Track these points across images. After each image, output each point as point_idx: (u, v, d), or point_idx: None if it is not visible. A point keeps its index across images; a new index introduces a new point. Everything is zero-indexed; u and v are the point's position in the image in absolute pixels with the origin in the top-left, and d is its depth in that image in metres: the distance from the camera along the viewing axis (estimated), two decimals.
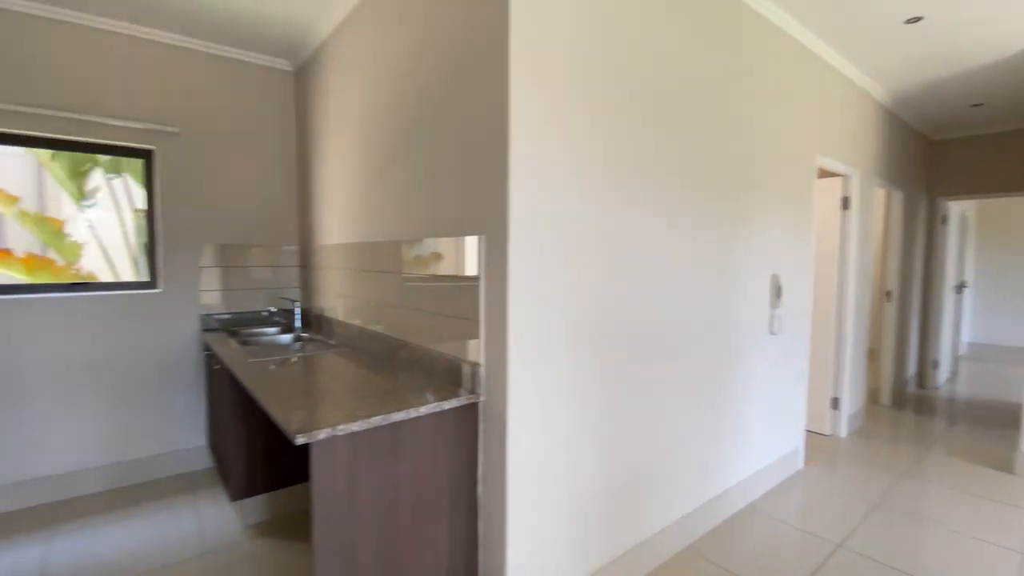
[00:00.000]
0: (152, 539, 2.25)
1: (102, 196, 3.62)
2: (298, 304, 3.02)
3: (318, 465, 1.35)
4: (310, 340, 2.74)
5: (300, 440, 1.29)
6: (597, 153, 1.75)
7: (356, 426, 1.39)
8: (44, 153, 2.74)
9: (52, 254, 3.74)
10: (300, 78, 3.17)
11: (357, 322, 2.49)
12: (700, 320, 2.25)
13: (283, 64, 3.17)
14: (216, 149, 2.98)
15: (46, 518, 2.44)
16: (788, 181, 2.76)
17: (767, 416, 2.74)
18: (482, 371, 1.65)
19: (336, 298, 2.77)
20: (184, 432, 2.95)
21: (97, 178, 3.58)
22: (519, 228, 1.54)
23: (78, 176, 3.51)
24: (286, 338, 2.85)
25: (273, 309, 3.21)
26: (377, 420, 1.43)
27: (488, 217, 1.59)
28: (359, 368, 2.03)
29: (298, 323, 3.00)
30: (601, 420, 1.85)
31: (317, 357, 2.25)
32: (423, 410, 1.53)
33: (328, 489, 1.37)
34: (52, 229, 3.64)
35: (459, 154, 1.71)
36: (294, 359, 2.22)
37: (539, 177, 1.58)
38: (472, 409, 1.67)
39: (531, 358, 1.60)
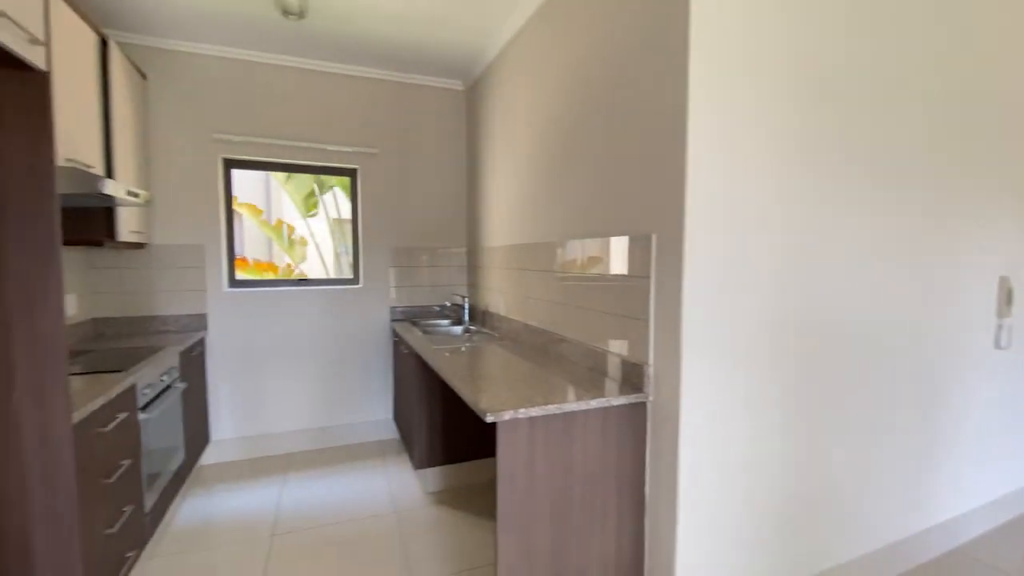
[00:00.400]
0: (355, 493, 2.69)
1: (319, 208, 4.43)
2: (467, 300, 3.34)
3: (503, 442, 1.50)
4: (477, 332, 3.01)
5: (489, 418, 1.45)
6: (784, 142, 1.64)
7: (535, 411, 1.51)
8: (278, 174, 3.45)
9: (281, 255, 4.64)
10: (470, 95, 3.50)
11: (519, 317, 2.67)
12: (904, 329, 1.95)
13: (456, 84, 3.52)
14: (402, 164, 3.44)
15: (279, 466, 3.07)
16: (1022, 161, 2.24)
17: (989, 445, 2.26)
18: (650, 371, 1.65)
19: (499, 295, 2.99)
20: (375, 405, 3.47)
21: (316, 193, 4.39)
22: (695, 226, 1.51)
23: (302, 192, 4.35)
24: (457, 329, 3.18)
25: (447, 304, 3.60)
26: (552, 408, 1.54)
27: (661, 216, 1.59)
28: (523, 360, 2.18)
29: (466, 317, 3.31)
30: (780, 433, 1.73)
31: (485, 348, 2.47)
32: (593, 403, 1.60)
33: (511, 464, 1.51)
34: (286, 235, 4.55)
35: (628, 156, 1.74)
36: (463, 348, 2.47)
37: (717, 173, 1.53)
38: (640, 408, 1.69)
39: (705, 362, 1.56)
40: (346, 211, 3.56)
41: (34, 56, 1.31)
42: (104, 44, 2.29)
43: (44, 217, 1.35)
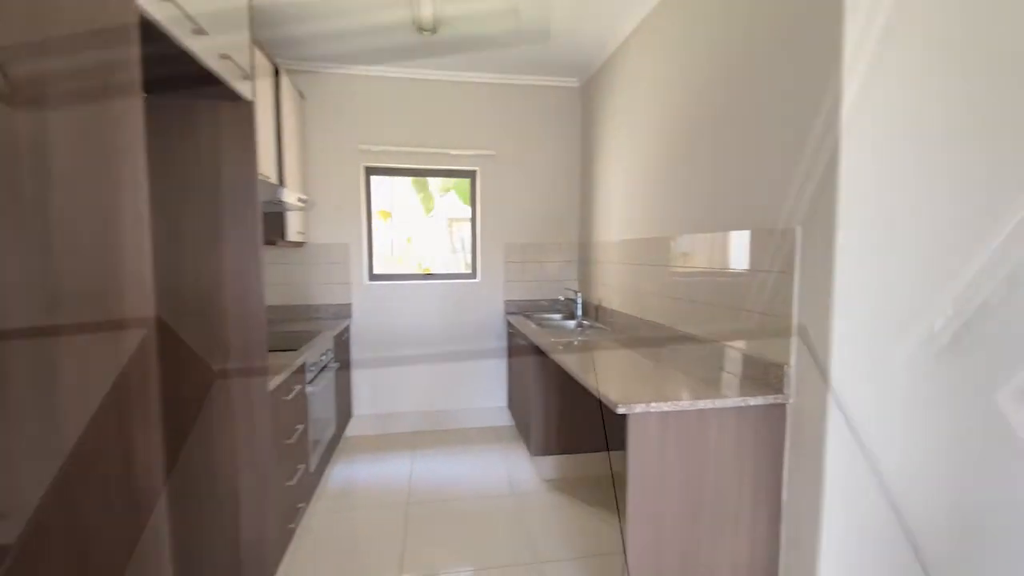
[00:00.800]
0: (476, 473, 2.88)
1: (439, 207, 4.76)
2: (579, 294, 3.39)
3: (634, 435, 1.53)
4: (590, 327, 3.05)
5: (621, 410, 1.49)
6: (957, 121, 1.45)
7: (666, 406, 1.52)
8: (403, 179, 3.77)
9: (407, 252, 5.01)
10: (585, 91, 3.52)
11: (635, 312, 2.65)
12: None
13: (572, 82, 3.57)
14: (517, 164, 3.58)
15: (408, 443, 3.38)
16: None
17: None
18: (791, 372, 1.57)
19: (613, 290, 3.00)
20: (491, 393, 3.68)
21: (437, 195, 4.73)
22: (848, 218, 1.40)
23: (425, 193, 4.70)
24: (570, 323, 3.24)
25: (560, 298, 3.68)
26: (685, 404, 1.53)
27: (807, 207, 1.50)
28: (642, 355, 2.18)
29: (579, 311, 3.36)
30: (947, 441, 1.53)
31: (600, 341, 2.50)
32: (729, 403, 1.56)
33: (641, 457, 1.54)
34: (409, 236, 4.93)
35: (766, 145, 1.66)
36: (575, 341, 2.52)
37: (873, 157, 1.40)
38: (778, 411, 1.61)
39: (858, 365, 1.45)
40: (463, 210, 3.79)
41: (244, 89, 1.60)
42: (277, 72, 2.69)
43: (251, 220, 1.64)
